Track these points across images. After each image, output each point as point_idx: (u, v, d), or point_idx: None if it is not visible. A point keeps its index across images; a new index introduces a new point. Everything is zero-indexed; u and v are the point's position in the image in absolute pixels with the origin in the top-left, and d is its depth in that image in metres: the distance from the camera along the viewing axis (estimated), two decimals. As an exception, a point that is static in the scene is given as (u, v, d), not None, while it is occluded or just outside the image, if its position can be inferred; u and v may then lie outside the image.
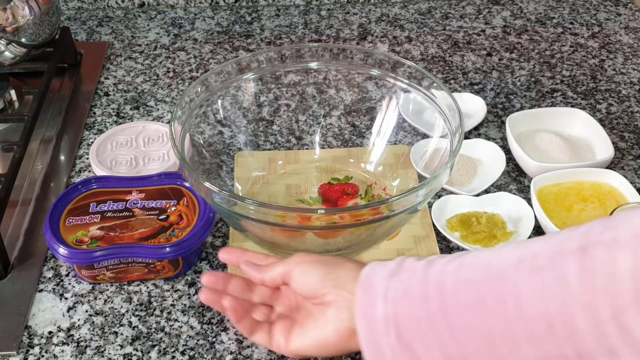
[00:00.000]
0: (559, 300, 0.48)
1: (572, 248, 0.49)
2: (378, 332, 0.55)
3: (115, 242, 0.71)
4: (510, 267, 0.52)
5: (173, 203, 0.75)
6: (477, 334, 0.52)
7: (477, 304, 0.52)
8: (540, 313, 0.49)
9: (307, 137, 0.90)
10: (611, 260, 0.47)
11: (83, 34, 1.13)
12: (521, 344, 0.50)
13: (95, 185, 0.77)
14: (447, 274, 0.55)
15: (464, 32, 1.14)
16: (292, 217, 0.65)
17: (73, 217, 0.74)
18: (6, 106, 0.96)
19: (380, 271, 0.58)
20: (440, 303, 0.53)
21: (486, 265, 0.54)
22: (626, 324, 0.46)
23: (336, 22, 1.16)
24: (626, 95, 1.01)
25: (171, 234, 0.72)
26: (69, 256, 0.70)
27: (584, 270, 0.48)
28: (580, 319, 0.47)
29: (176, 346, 0.68)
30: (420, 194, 0.67)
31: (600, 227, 0.50)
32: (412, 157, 0.83)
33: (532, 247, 0.52)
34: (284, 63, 0.85)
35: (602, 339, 0.47)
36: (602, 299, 0.47)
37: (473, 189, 0.84)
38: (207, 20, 1.16)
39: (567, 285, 0.48)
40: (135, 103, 0.98)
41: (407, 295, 0.55)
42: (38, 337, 0.69)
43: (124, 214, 0.74)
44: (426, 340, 0.53)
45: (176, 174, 0.78)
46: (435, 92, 0.79)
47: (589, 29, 1.15)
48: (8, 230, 0.79)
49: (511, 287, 0.51)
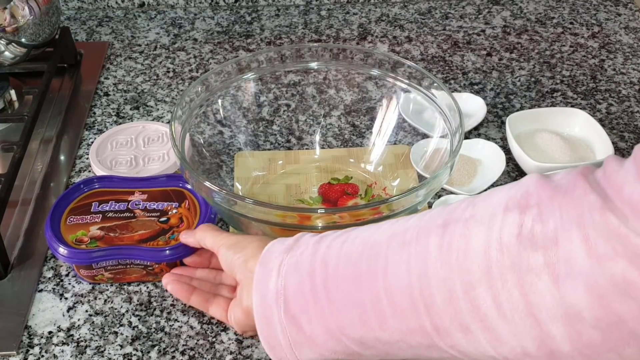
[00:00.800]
0: (419, 275, 0.50)
1: (436, 225, 0.51)
2: (269, 306, 0.56)
3: (115, 242, 0.71)
4: (384, 242, 0.53)
5: (175, 205, 0.75)
6: (351, 307, 0.53)
7: (354, 277, 0.53)
8: (404, 287, 0.50)
9: (307, 137, 0.90)
10: (466, 236, 0.49)
11: (83, 34, 1.13)
12: (388, 318, 0.51)
13: (97, 184, 0.77)
14: (332, 249, 0.56)
15: (464, 32, 1.14)
16: (292, 216, 0.65)
17: (74, 216, 0.73)
18: (6, 106, 0.96)
19: (278, 247, 0.60)
20: (323, 277, 0.55)
21: (365, 240, 0.55)
22: (476, 300, 0.47)
23: (336, 22, 1.16)
24: (626, 95, 1.01)
25: (170, 236, 0.71)
26: (68, 255, 0.70)
27: (442, 246, 0.49)
28: (436, 293, 0.49)
29: (176, 346, 0.68)
30: (420, 194, 0.67)
31: (466, 203, 0.52)
32: (412, 157, 0.83)
33: (407, 223, 0.54)
34: (284, 63, 0.85)
35: (455, 315, 0.48)
36: (456, 274, 0.48)
37: (473, 189, 0.84)
38: (207, 20, 1.16)
39: (426, 260, 0.50)
40: (135, 103, 0.98)
41: (296, 269, 0.56)
42: (38, 337, 0.69)
43: (125, 215, 0.74)
44: (310, 314, 0.55)
45: (179, 176, 0.77)
46: (435, 92, 0.79)
47: (589, 29, 1.15)
48: (8, 230, 0.79)
49: (382, 261, 0.52)
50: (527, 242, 0.46)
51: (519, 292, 0.45)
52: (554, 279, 0.44)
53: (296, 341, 0.56)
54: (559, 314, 0.45)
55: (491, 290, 0.47)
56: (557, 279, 0.44)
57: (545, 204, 0.47)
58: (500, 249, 0.47)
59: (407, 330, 0.51)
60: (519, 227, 0.46)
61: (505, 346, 0.47)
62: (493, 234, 0.47)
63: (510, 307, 0.46)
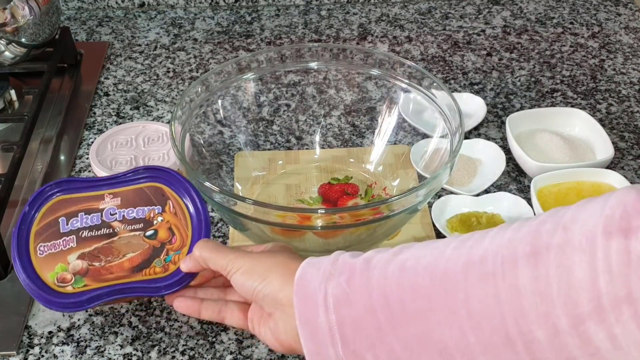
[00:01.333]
0: (514, 311, 0.46)
1: (523, 253, 0.47)
2: (323, 343, 0.52)
3: (104, 276, 0.61)
4: (459, 273, 0.49)
5: (157, 210, 0.65)
6: (429, 345, 0.49)
7: (427, 313, 0.49)
8: (496, 324, 0.47)
9: (307, 137, 0.90)
10: (566, 266, 0.45)
11: (83, 34, 1.13)
12: (477, 356, 0.48)
13: (57, 192, 0.65)
14: (390, 279, 0.52)
15: (464, 32, 1.14)
16: (292, 217, 0.65)
17: (44, 243, 0.62)
18: (6, 106, 0.96)
19: (314, 274, 0.55)
20: (387, 312, 0.51)
21: (432, 269, 0.51)
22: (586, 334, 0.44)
23: (336, 22, 1.16)
24: (626, 95, 1.01)
25: (166, 259, 0.63)
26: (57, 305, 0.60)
27: (537, 279, 0.46)
28: (537, 329, 0.45)
29: (176, 346, 0.68)
30: (420, 194, 0.67)
31: (552, 225, 0.47)
32: (412, 157, 0.83)
33: (479, 249, 0.50)
34: (284, 63, 0.85)
35: (561, 349, 0.45)
36: (560, 309, 0.45)
37: (473, 189, 0.84)
38: (207, 20, 1.16)
39: (521, 294, 0.46)
40: (135, 103, 0.98)
41: (348, 302, 0.52)
42: (38, 337, 0.69)
43: (103, 232, 0.63)
44: (376, 351, 0.51)
45: (152, 167, 0.67)
46: (435, 92, 0.79)
47: (589, 29, 1.15)
48: (8, 230, 0.79)
49: (462, 295, 0.48)
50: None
51: (636, 324, 0.43)
52: None
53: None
54: None
55: (604, 323, 0.43)
56: None
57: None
58: (611, 279, 0.43)
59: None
60: (627, 254, 0.43)
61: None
62: (598, 263, 0.44)
63: (627, 340, 0.43)
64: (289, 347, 0.57)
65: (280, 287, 0.56)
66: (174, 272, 0.62)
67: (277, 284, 0.56)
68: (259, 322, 0.59)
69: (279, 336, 0.57)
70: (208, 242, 0.62)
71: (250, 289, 0.57)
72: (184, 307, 0.63)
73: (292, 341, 0.56)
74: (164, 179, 0.67)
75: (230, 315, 0.62)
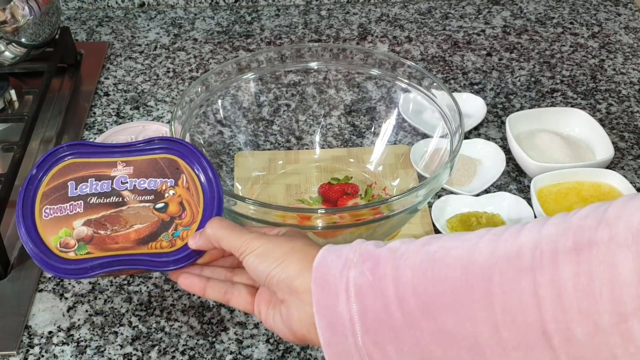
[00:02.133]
0: (553, 307, 0.45)
1: (564, 248, 0.46)
2: (341, 333, 0.50)
3: (108, 245, 0.59)
4: (494, 267, 0.47)
5: (170, 183, 0.62)
6: (458, 339, 0.48)
7: (457, 307, 0.48)
8: (532, 320, 0.46)
9: (307, 137, 0.90)
10: (610, 263, 0.44)
11: (83, 34, 1.13)
12: (509, 351, 0.47)
13: (69, 155, 0.62)
14: (418, 270, 0.50)
15: (464, 32, 1.14)
16: (292, 217, 0.65)
17: (50, 206, 0.60)
18: (6, 106, 0.96)
19: (335, 261, 0.52)
20: (414, 304, 0.49)
21: (464, 262, 0.49)
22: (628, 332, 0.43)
23: (336, 22, 1.16)
24: (626, 95, 1.01)
25: (174, 234, 0.60)
26: (57, 270, 0.58)
27: (579, 275, 0.45)
28: (576, 326, 0.44)
29: (176, 346, 0.68)
30: (420, 194, 0.67)
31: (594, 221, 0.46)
32: (412, 157, 0.83)
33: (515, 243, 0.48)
34: (284, 63, 0.85)
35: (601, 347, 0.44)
36: (603, 306, 0.44)
37: (473, 189, 0.84)
38: (207, 20, 1.16)
39: (561, 290, 0.45)
40: (135, 103, 0.98)
41: (373, 291, 0.50)
42: (38, 337, 0.69)
43: (112, 200, 0.61)
44: (400, 343, 0.49)
45: (169, 139, 0.64)
46: (435, 92, 0.79)
47: (589, 29, 1.15)
48: (8, 230, 0.79)
49: (497, 290, 0.47)
50: None
51: None
52: None
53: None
54: None
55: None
56: None
57: None
58: None
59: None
60: None
61: None
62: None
63: None
64: (301, 337, 0.54)
65: (297, 274, 0.53)
66: (181, 248, 0.60)
67: (294, 269, 0.53)
68: (267, 307, 0.56)
69: (291, 324, 0.54)
70: (223, 221, 0.58)
71: (265, 272, 0.54)
72: (189, 285, 0.60)
73: (306, 331, 0.53)
74: (180, 152, 0.64)
75: (237, 297, 0.59)
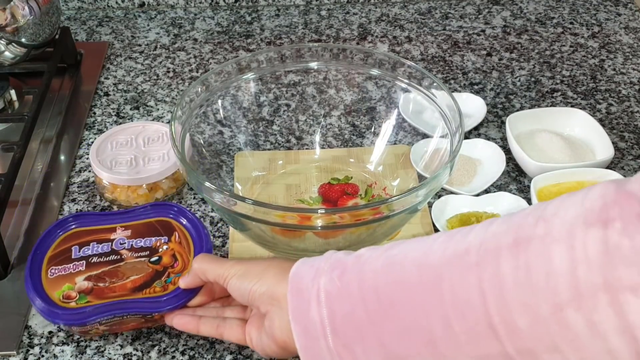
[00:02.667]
0: (496, 300, 0.47)
1: (506, 244, 0.48)
2: (315, 337, 0.54)
3: (107, 295, 0.64)
4: (444, 265, 0.50)
5: (164, 240, 0.69)
6: (417, 336, 0.51)
7: (415, 304, 0.51)
8: (479, 313, 0.48)
9: (307, 137, 0.90)
10: (546, 256, 0.46)
11: (83, 34, 1.13)
12: (462, 344, 0.49)
13: (74, 224, 0.70)
14: (379, 273, 0.53)
15: (464, 32, 1.14)
16: (292, 217, 0.65)
17: (55, 267, 0.66)
18: (6, 106, 0.96)
19: (307, 271, 0.56)
20: (377, 305, 0.52)
21: (419, 262, 0.52)
22: (565, 321, 0.45)
23: (336, 22, 1.16)
24: (626, 95, 1.01)
25: (167, 280, 0.66)
26: (59, 318, 0.63)
27: (518, 268, 0.47)
28: (518, 318, 0.47)
29: (176, 346, 0.68)
30: (420, 194, 0.67)
31: (533, 218, 0.49)
32: (412, 157, 0.83)
33: (464, 242, 0.51)
34: (284, 63, 0.85)
35: (542, 337, 0.46)
36: (541, 297, 0.46)
37: (473, 189, 0.84)
38: (207, 20, 1.16)
39: (503, 284, 0.47)
40: (135, 103, 0.98)
41: (340, 296, 0.54)
42: (38, 337, 0.69)
43: (111, 258, 0.67)
44: (365, 343, 0.53)
45: (162, 204, 0.73)
46: (435, 92, 0.79)
47: (589, 29, 1.15)
48: (8, 230, 0.79)
49: (447, 286, 0.50)
50: (617, 259, 0.44)
51: (614, 310, 0.44)
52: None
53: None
54: None
55: (582, 310, 0.44)
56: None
57: (629, 216, 0.44)
58: (588, 267, 0.44)
59: (484, 356, 0.49)
60: (604, 244, 0.44)
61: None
62: (577, 252, 0.45)
63: (604, 326, 0.44)
64: (282, 343, 0.58)
65: (276, 284, 0.57)
66: (173, 291, 0.65)
67: (272, 281, 0.58)
68: (257, 332, 0.60)
69: (273, 332, 0.57)
70: (207, 255, 0.65)
71: (247, 290, 0.59)
72: (183, 324, 0.64)
73: (286, 337, 0.56)
74: (173, 213, 0.72)
75: (229, 330, 0.63)
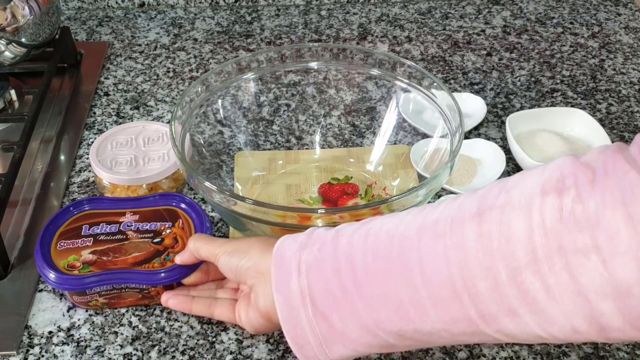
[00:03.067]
0: (460, 266, 0.50)
1: (470, 214, 0.51)
2: (295, 306, 0.56)
3: (108, 267, 0.68)
4: (414, 235, 0.53)
5: (168, 225, 0.73)
6: (387, 302, 0.53)
7: (386, 272, 0.54)
8: (444, 279, 0.51)
9: (307, 137, 0.90)
10: (505, 223, 0.49)
11: (83, 34, 1.13)
12: (429, 309, 0.52)
13: (87, 206, 0.75)
14: (355, 244, 0.56)
15: (464, 32, 1.14)
16: (292, 216, 0.65)
17: (65, 241, 0.71)
18: (6, 106, 0.96)
19: (291, 245, 0.59)
20: (352, 274, 0.55)
21: (391, 233, 0.55)
22: (523, 285, 0.48)
23: (336, 22, 1.16)
24: (626, 95, 1.01)
25: (166, 258, 0.69)
26: (60, 282, 0.67)
27: (481, 235, 0.50)
28: (480, 282, 0.49)
29: (176, 346, 0.68)
30: (420, 194, 0.67)
31: (497, 190, 0.52)
32: (412, 157, 0.83)
33: (433, 214, 0.54)
34: (284, 63, 0.85)
35: (502, 300, 0.49)
36: (500, 261, 0.49)
37: (473, 189, 0.84)
38: (207, 20, 1.16)
39: (466, 250, 0.50)
40: (135, 103, 0.98)
41: (318, 266, 0.56)
42: (38, 337, 0.69)
43: (117, 237, 0.71)
44: (341, 311, 0.55)
45: (172, 195, 0.76)
46: (435, 92, 0.79)
47: (589, 29, 1.15)
48: (8, 230, 0.79)
49: (415, 254, 0.52)
50: (571, 224, 0.46)
51: (568, 274, 0.46)
52: (603, 259, 0.45)
53: (327, 338, 0.56)
54: (609, 292, 0.45)
55: (539, 274, 0.47)
56: (605, 258, 0.45)
57: (583, 184, 0.47)
58: (545, 232, 0.47)
59: (450, 320, 0.52)
60: (560, 210, 0.47)
61: (555, 326, 0.48)
62: (534, 219, 0.48)
63: (560, 289, 0.47)
64: (266, 315, 0.61)
65: (261, 258, 0.61)
66: (170, 268, 0.69)
67: (258, 256, 0.61)
68: (246, 309, 0.63)
69: (258, 305, 0.61)
70: (201, 235, 0.69)
71: (235, 266, 0.63)
72: (176, 304, 0.68)
73: (270, 308, 0.59)
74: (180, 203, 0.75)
75: (220, 308, 0.67)
